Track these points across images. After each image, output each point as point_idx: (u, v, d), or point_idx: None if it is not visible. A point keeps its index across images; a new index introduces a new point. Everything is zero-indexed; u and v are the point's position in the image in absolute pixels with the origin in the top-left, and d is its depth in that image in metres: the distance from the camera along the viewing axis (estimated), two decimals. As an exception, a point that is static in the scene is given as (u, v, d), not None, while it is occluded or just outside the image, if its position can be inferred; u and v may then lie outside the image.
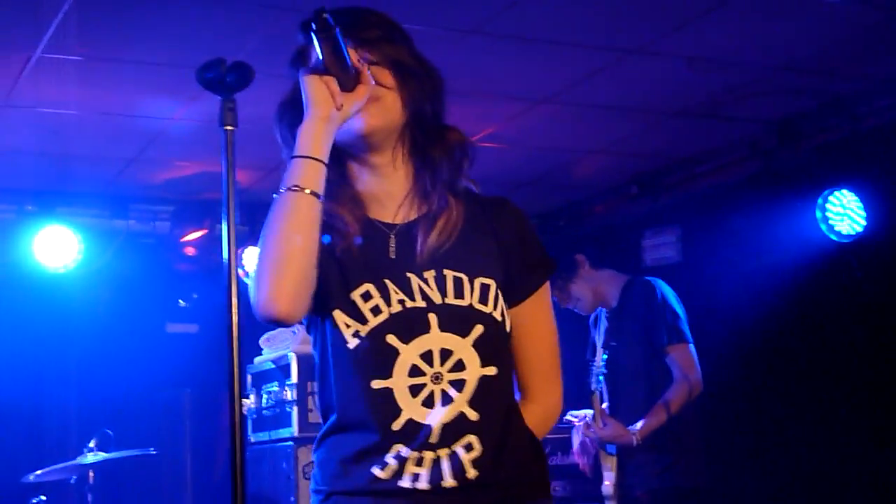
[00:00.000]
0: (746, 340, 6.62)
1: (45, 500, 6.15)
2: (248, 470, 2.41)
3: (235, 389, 2.34)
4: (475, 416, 2.26)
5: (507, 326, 2.34)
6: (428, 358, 2.25)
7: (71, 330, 7.64)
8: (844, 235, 6.35)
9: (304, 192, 2.17)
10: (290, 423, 6.31)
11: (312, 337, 2.38)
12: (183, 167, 6.84)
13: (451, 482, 2.23)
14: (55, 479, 6.50)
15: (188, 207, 7.38)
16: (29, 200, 7.04)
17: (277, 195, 2.19)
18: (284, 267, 2.15)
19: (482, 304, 2.29)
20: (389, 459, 2.24)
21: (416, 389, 2.24)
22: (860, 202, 6.36)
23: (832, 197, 6.36)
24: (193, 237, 7.44)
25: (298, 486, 6.17)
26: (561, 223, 8.04)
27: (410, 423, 2.23)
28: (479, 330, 2.28)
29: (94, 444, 6.25)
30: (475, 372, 2.27)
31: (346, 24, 2.24)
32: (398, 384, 2.23)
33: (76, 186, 7.07)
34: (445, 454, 2.24)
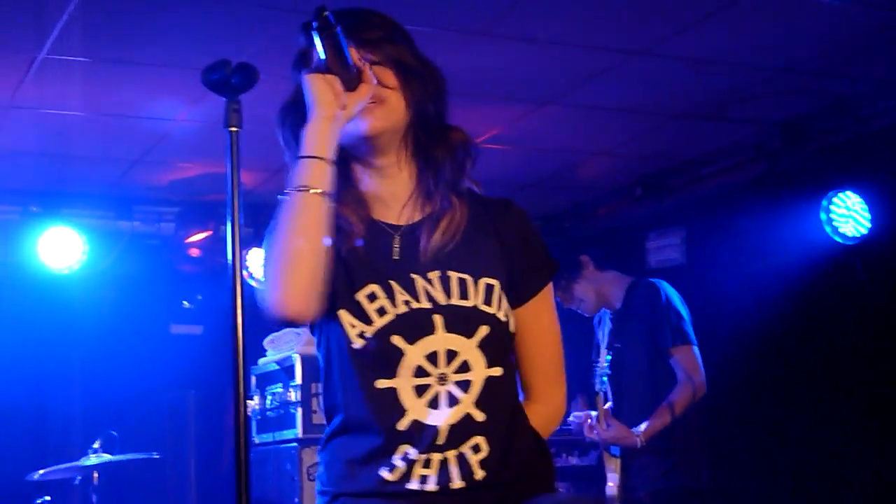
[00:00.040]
0: (750, 342, 6.61)
1: (49, 500, 6.14)
2: (252, 471, 2.42)
3: (240, 391, 2.34)
4: (482, 416, 2.26)
5: (511, 327, 2.34)
6: (433, 359, 2.25)
7: (75, 331, 7.64)
8: (849, 237, 6.34)
9: (313, 192, 2.16)
10: (294, 424, 6.32)
11: (316, 338, 2.38)
12: (187, 168, 6.85)
13: (459, 483, 2.23)
14: (60, 479, 6.51)
15: (193, 209, 7.38)
16: (33, 201, 7.04)
17: (285, 196, 2.18)
18: (298, 267, 2.15)
19: (487, 304, 2.29)
20: (397, 461, 2.23)
21: (421, 390, 2.24)
22: (865, 204, 6.35)
23: (837, 199, 6.35)
24: (198, 238, 7.44)
25: (303, 487, 6.18)
26: (565, 225, 8.03)
27: (415, 423, 2.23)
28: (484, 331, 2.27)
29: (98, 445, 6.25)
30: (481, 373, 2.27)
31: (347, 24, 2.24)
32: (403, 384, 2.23)
33: (81, 187, 7.07)
34: (453, 456, 2.23)
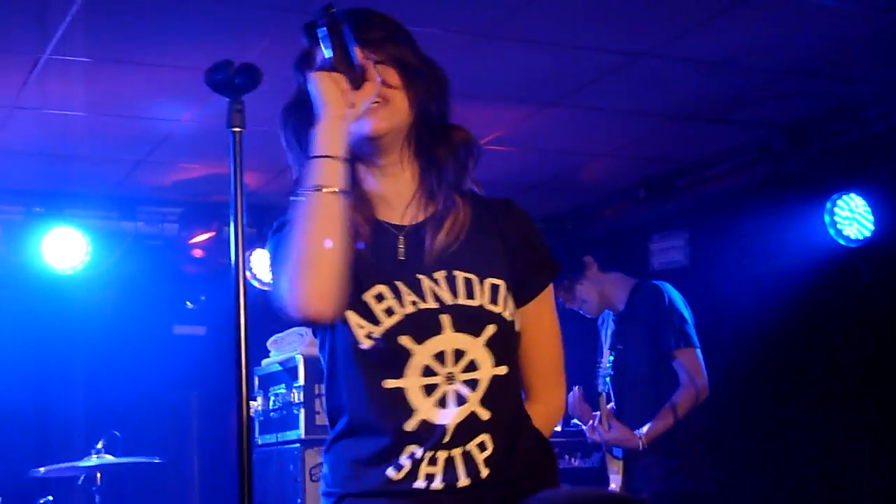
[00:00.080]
0: (753, 344, 6.61)
1: (52, 500, 6.14)
2: (254, 472, 2.42)
3: (243, 392, 2.34)
4: (487, 415, 2.26)
5: (517, 326, 2.35)
6: (441, 358, 2.25)
7: (78, 331, 7.64)
8: (853, 240, 6.33)
9: (329, 190, 2.15)
10: (297, 425, 6.31)
11: (320, 339, 2.38)
12: (191, 169, 6.85)
13: (465, 481, 2.23)
14: (63, 480, 6.50)
15: (196, 209, 7.39)
16: (37, 202, 7.04)
17: (300, 196, 2.17)
18: (318, 267, 2.14)
19: (493, 304, 2.29)
20: (403, 461, 2.23)
21: (429, 390, 2.24)
22: (868, 206, 6.34)
23: (840, 201, 6.34)
24: (201, 239, 7.44)
25: (305, 488, 6.18)
26: (569, 226, 8.03)
27: (424, 423, 2.23)
28: (491, 330, 2.28)
29: (101, 445, 6.25)
30: (488, 371, 2.27)
31: (349, 24, 2.24)
32: (411, 384, 2.23)
33: (84, 188, 7.07)
34: (459, 454, 2.24)
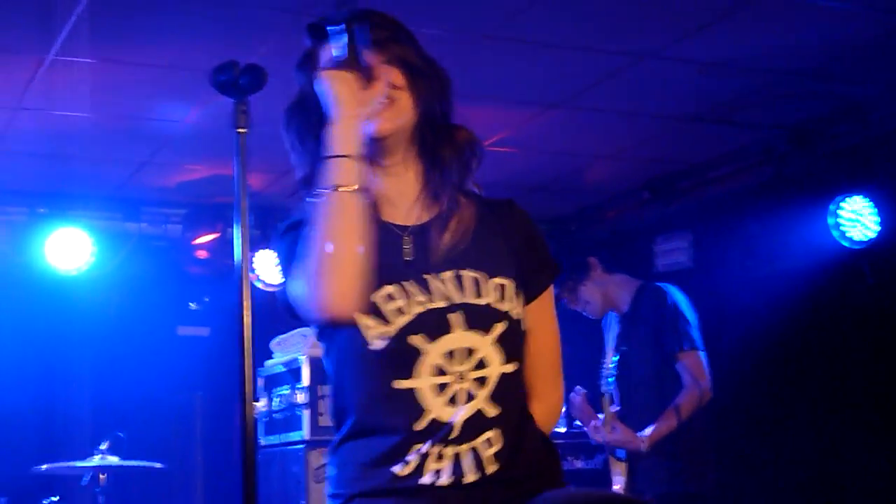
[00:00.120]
0: (757, 346, 6.61)
1: (57, 500, 6.14)
2: (258, 473, 2.41)
3: (247, 393, 2.34)
4: (495, 411, 2.26)
5: (524, 325, 2.35)
6: (451, 357, 2.25)
7: (82, 332, 7.64)
8: (857, 241, 6.33)
9: (348, 189, 2.15)
10: (300, 426, 6.31)
11: (325, 342, 2.36)
12: (195, 170, 6.85)
13: (472, 477, 2.23)
14: (67, 479, 6.50)
15: (200, 210, 7.39)
16: (41, 202, 7.04)
17: (318, 197, 2.16)
18: (341, 267, 2.13)
19: (501, 302, 2.29)
20: (410, 457, 2.23)
21: (440, 389, 2.23)
22: (873, 208, 6.34)
23: (844, 203, 6.34)
24: (205, 240, 7.44)
25: (309, 489, 6.17)
26: (572, 228, 8.03)
27: (434, 422, 2.23)
28: (499, 328, 2.28)
29: (105, 446, 6.24)
30: (497, 369, 2.27)
31: (362, 25, 2.24)
32: (422, 384, 2.23)
33: (88, 189, 7.07)
34: (466, 450, 2.24)
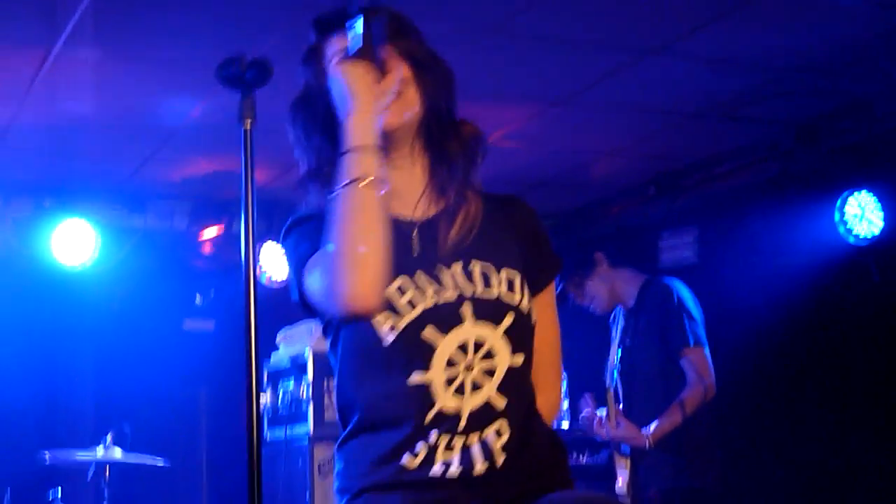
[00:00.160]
0: (763, 342, 6.60)
1: (60, 492, 6.15)
2: (263, 467, 2.41)
3: (253, 387, 2.34)
4: (503, 402, 2.26)
5: (533, 317, 2.35)
6: (463, 349, 2.25)
7: (87, 326, 7.66)
8: (862, 238, 6.33)
9: (370, 181, 2.13)
10: (306, 420, 6.31)
11: (331, 337, 2.36)
12: (200, 164, 6.85)
13: (481, 467, 2.23)
14: (72, 472, 6.51)
15: (205, 204, 7.40)
16: (46, 196, 7.06)
17: (339, 190, 2.13)
18: (369, 261, 2.11)
19: (510, 293, 2.29)
20: (419, 447, 2.23)
21: (450, 380, 2.23)
22: (878, 204, 6.33)
23: (850, 199, 6.33)
24: (211, 234, 7.46)
25: (314, 483, 6.18)
26: (577, 224, 8.02)
27: (441, 413, 2.23)
28: (509, 319, 2.28)
29: (110, 439, 6.26)
30: (505, 360, 2.27)
31: (380, 18, 2.24)
32: (436, 377, 2.23)
33: (94, 183, 7.08)
34: (475, 440, 2.24)
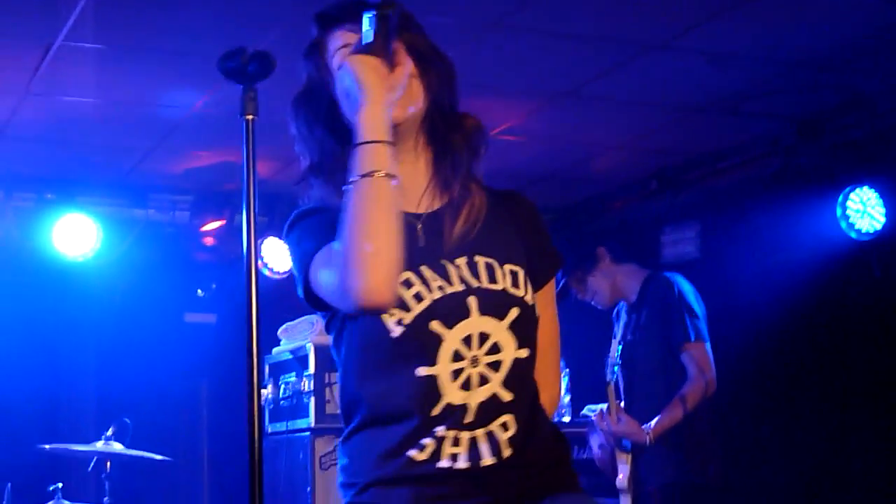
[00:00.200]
0: (764, 337, 6.60)
1: (61, 486, 6.15)
2: (264, 460, 2.42)
3: (254, 380, 2.34)
4: (509, 396, 2.26)
5: (537, 311, 2.35)
6: (468, 342, 2.25)
7: (89, 319, 7.66)
8: (864, 233, 6.33)
9: (383, 174, 2.12)
10: (307, 413, 6.32)
11: (335, 332, 2.35)
12: (203, 157, 6.85)
13: (489, 460, 2.23)
14: (73, 465, 6.51)
15: (207, 197, 7.40)
16: (48, 188, 7.06)
17: (356, 181, 2.12)
18: (387, 254, 2.10)
19: (515, 287, 2.29)
20: (426, 441, 2.23)
21: (456, 374, 2.24)
22: (880, 199, 6.33)
23: (852, 194, 6.33)
24: (212, 227, 7.46)
25: (315, 476, 6.19)
26: (579, 218, 8.01)
27: (448, 406, 2.23)
28: (514, 313, 2.28)
29: (111, 432, 6.25)
30: (511, 354, 2.27)
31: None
32: (442, 371, 2.23)
33: (95, 175, 7.08)
34: (482, 434, 2.24)
